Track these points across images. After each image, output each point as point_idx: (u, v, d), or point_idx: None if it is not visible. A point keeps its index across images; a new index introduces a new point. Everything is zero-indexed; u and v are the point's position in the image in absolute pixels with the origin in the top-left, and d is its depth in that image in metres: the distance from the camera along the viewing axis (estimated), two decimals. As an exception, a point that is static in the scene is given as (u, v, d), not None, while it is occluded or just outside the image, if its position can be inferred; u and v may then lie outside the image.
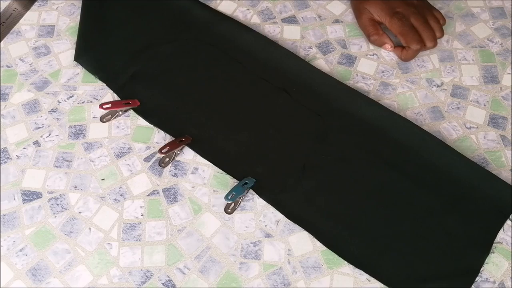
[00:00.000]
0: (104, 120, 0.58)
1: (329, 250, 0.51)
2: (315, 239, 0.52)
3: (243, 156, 0.56)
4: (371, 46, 0.64)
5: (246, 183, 0.53)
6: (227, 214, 0.53)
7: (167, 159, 0.55)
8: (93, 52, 0.62)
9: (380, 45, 0.63)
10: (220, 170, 0.55)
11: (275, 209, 0.53)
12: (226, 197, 0.51)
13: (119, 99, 0.60)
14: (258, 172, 0.54)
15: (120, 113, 0.58)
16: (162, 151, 0.53)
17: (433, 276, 0.49)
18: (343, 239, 0.51)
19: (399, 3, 0.61)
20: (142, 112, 0.59)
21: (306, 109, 0.58)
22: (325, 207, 0.53)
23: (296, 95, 0.59)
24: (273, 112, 0.58)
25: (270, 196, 0.54)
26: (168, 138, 0.57)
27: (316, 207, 0.53)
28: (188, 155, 0.56)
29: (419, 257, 0.50)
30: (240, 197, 0.53)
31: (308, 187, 0.54)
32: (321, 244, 0.51)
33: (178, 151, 0.56)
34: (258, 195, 0.54)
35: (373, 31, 0.63)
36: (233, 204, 0.53)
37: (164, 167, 0.55)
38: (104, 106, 0.57)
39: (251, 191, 0.54)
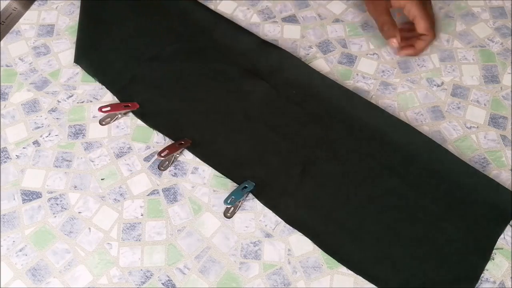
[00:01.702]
0: (103, 123, 0.58)
1: (329, 250, 0.51)
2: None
3: (242, 159, 0.55)
4: (372, 46, 0.64)
5: (245, 187, 0.53)
6: (226, 218, 0.53)
7: (167, 162, 0.55)
8: (92, 55, 0.62)
9: (389, 37, 0.60)
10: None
11: (275, 209, 0.53)
12: (225, 201, 0.51)
13: (118, 101, 0.60)
14: (258, 175, 0.54)
15: (120, 116, 0.58)
16: (162, 154, 0.53)
17: (433, 282, 0.49)
18: (342, 244, 0.51)
19: None
20: (141, 114, 0.58)
21: (306, 112, 0.58)
22: (324, 211, 0.53)
23: (296, 98, 0.59)
24: (273, 116, 0.58)
25: (268, 200, 0.53)
26: (168, 138, 0.57)
27: (315, 211, 0.53)
28: (188, 155, 0.56)
29: (419, 263, 0.50)
30: (240, 201, 0.53)
31: (307, 191, 0.53)
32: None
33: (178, 154, 0.56)
34: (257, 199, 0.53)
35: (388, 20, 0.60)
36: (232, 208, 0.53)
37: (163, 170, 0.55)
38: (103, 109, 0.57)
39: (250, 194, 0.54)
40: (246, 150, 0.56)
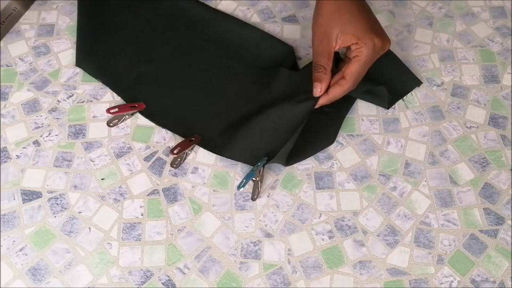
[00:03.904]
0: (111, 124, 0.58)
1: (329, 250, 0.51)
2: (315, 238, 0.52)
3: (255, 147, 0.56)
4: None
5: (258, 165, 0.53)
6: (253, 201, 0.53)
7: (179, 159, 0.55)
8: (93, 56, 0.62)
9: (317, 80, 0.52)
10: (220, 170, 0.55)
11: (275, 209, 0.53)
12: (238, 187, 0.52)
13: (122, 100, 0.60)
14: (270, 154, 0.54)
15: (127, 116, 0.58)
16: (174, 151, 0.54)
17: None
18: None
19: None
20: (148, 114, 0.58)
21: None
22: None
23: None
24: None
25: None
26: (169, 138, 0.57)
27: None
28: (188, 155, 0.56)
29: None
30: (257, 181, 0.53)
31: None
32: (321, 244, 0.51)
33: (189, 150, 0.56)
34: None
35: (325, 63, 0.52)
36: (258, 191, 0.53)
37: (176, 167, 0.55)
38: (111, 111, 0.57)
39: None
40: (258, 139, 0.56)
